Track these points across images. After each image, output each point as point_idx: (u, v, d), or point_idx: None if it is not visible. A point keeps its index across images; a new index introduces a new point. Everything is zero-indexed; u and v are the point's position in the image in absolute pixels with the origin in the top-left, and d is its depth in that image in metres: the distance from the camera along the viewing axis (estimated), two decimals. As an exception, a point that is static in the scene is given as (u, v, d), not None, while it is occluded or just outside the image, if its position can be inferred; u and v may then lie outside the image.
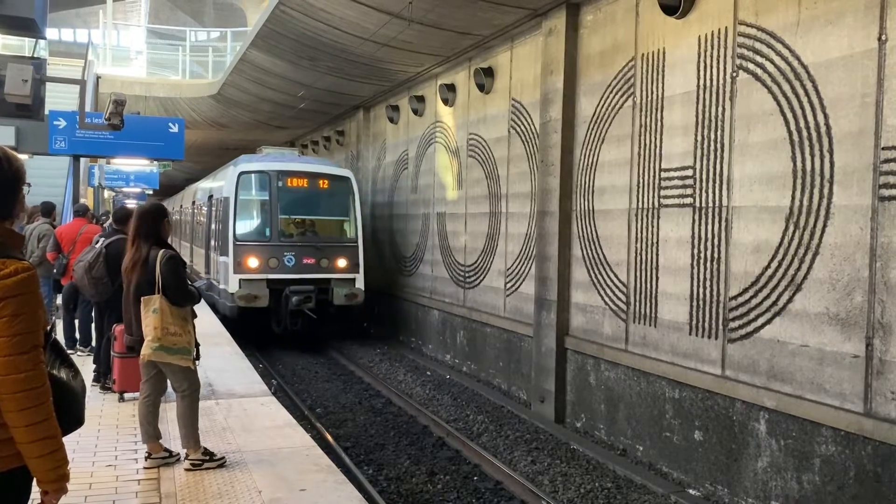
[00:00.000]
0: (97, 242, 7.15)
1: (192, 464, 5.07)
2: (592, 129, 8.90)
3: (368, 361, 13.37)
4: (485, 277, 11.70)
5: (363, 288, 14.03)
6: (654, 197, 7.83)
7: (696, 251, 7.21)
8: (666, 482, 7.28)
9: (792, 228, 6.16)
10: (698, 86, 7.21)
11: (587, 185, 8.97)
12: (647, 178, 7.94)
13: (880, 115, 5.44)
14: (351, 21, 10.84)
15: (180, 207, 24.35)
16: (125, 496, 4.67)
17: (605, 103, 8.68)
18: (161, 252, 5.08)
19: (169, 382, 5.23)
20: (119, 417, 6.44)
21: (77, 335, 8.83)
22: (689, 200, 7.32)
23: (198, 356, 5.19)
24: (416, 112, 14.32)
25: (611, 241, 8.51)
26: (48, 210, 10.05)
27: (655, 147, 7.82)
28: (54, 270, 8.97)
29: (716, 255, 6.96)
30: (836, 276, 5.78)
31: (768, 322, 6.37)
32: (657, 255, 7.76)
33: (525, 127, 10.49)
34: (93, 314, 8.19)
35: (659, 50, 7.77)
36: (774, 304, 6.31)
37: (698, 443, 7.10)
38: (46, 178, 16.42)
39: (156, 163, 21.34)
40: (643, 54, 8.03)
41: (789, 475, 6.09)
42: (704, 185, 7.11)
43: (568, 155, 9.24)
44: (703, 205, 7.12)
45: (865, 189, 5.54)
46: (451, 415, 9.78)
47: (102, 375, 7.29)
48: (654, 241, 7.80)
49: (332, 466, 5.32)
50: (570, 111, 9.24)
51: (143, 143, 13.48)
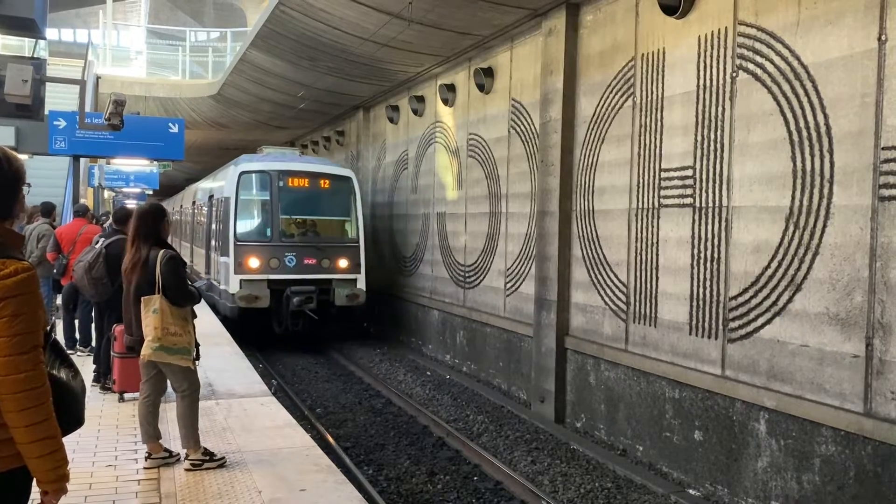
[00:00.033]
0: (97, 243, 7.16)
1: (192, 464, 5.07)
2: (592, 129, 8.90)
3: (368, 361, 13.37)
4: (485, 277, 11.70)
5: (365, 288, 13.96)
6: (654, 197, 7.83)
7: (696, 251, 7.22)
8: (666, 482, 7.28)
9: (792, 228, 6.16)
10: (698, 86, 7.22)
11: (587, 185, 8.97)
12: (647, 178, 7.95)
13: (880, 115, 5.44)
14: (351, 21, 10.85)
15: (180, 207, 24.32)
16: (125, 496, 4.67)
17: (604, 103, 8.68)
18: (161, 252, 5.08)
19: (169, 383, 5.23)
20: (119, 417, 6.44)
21: (77, 335, 8.83)
22: (689, 200, 7.32)
23: (198, 356, 5.19)
24: (415, 112, 14.32)
25: (611, 241, 8.51)
26: (48, 210, 10.05)
27: (655, 147, 7.82)
28: (54, 271, 8.97)
29: (716, 255, 6.96)
30: (836, 276, 5.78)
31: (768, 322, 6.37)
32: (657, 255, 7.76)
33: (525, 127, 10.49)
34: (93, 314, 8.20)
35: (659, 50, 7.77)
36: (774, 304, 6.31)
37: (698, 443, 7.10)
38: (46, 178, 16.43)
39: (156, 163, 21.34)
40: (643, 54, 8.03)
41: (789, 475, 6.09)
42: (704, 185, 7.12)
43: (568, 155, 9.24)
44: (703, 205, 7.12)
45: (865, 189, 5.54)
46: (451, 415, 9.78)
47: (102, 376, 7.29)
48: (654, 241, 7.81)
49: (332, 466, 5.32)
50: (570, 111, 9.24)
51: (142, 144, 13.48)
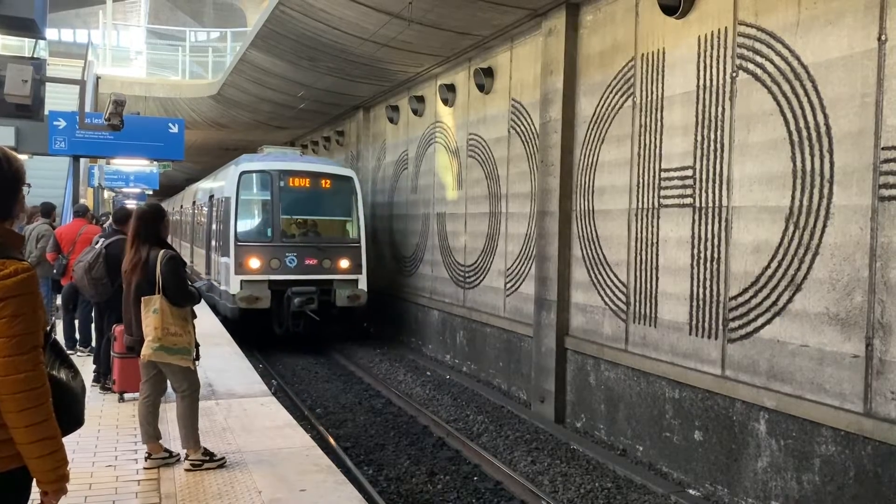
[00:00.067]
0: (97, 243, 7.16)
1: (192, 464, 5.07)
2: (592, 130, 8.90)
3: (368, 361, 13.37)
4: (485, 277, 11.70)
5: (366, 289, 13.88)
6: (653, 197, 7.83)
7: (695, 251, 7.22)
8: (666, 482, 7.28)
9: (792, 228, 6.16)
10: (698, 86, 7.22)
11: (587, 185, 8.97)
12: (646, 178, 7.95)
13: (880, 115, 5.44)
14: (351, 21, 10.85)
15: (180, 208, 24.30)
16: (125, 496, 4.67)
17: (604, 103, 8.68)
18: (161, 252, 5.08)
19: (169, 383, 5.23)
20: (119, 418, 6.44)
21: (77, 335, 8.84)
22: (688, 200, 7.32)
23: (198, 356, 5.19)
24: (415, 112, 14.32)
25: (611, 241, 8.51)
26: (48, 211, 10.05)
27: (655, 147, 7.82)
28: (53, 271, 8.97)
29: (716, 255, 6.96)
30: (835, 276, 5.78)
31: (768, 322, 6.37)
32: (657, 255, 7.76)
33: (525, 127, 10.49)
34: (92, 314, 8.20)
35: (659, 50, 7.77)
36: (774, 304, 6.31)
37: (698, 443, 7.10)
38: (46, 178, 16.42)
39: (155, 163, 21.33)
40: (643, 54, 8.03)
41: (789, 475, 6.09)
42: (704, 185, 7.12)
43: (568, 155, 9.24)
44: (703, 205, 7.12)
45: (865, 189, 5.54)
46: (451, 415, 9.78)
47: (102, 376, 7.29)
48: (654, 241, 7.81)
49: (332, 467, 5.32)
50: (570, 111, 9.24)
51: (142, 144, 13.47)
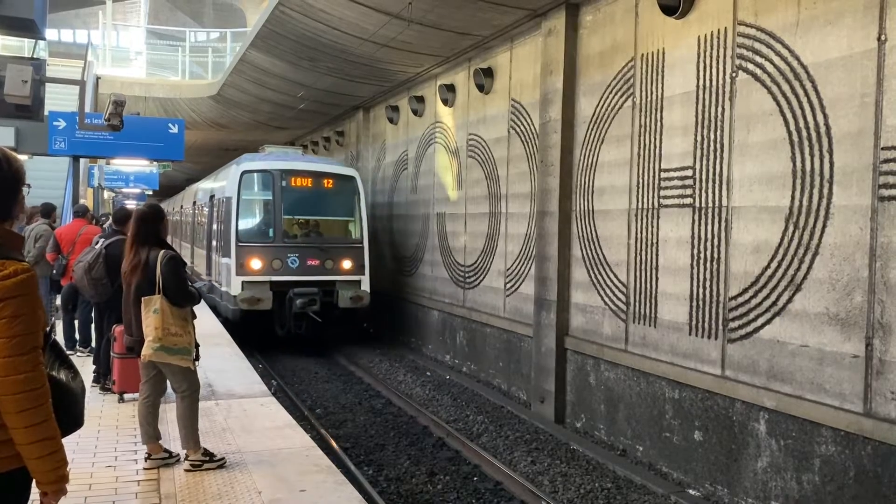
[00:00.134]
0: (97, 243, 7.16)
1: (191, 464, 5.07)
2: (592, 130, 8.90)
3: (368, 362, 13.36)
4: (484, 278, 11.70)
5: (369, 290, 13.71)
6: (653, 197, 7.83)
7: (695, 251, 7.22)
8: (666, 482, 7.28)
9: (792, 228, 6.16)
10: (698, 86, 7.22)
11: (587, 186, 8.97)
12: (646, 178, 7.95)
13: (880, 115, 5.44)
14: (350, 21, 10.85)
15: (180, 208, 24.26)
16: (125, 497, 4.67)
17: (604, 103, 8.68)
18: (161, 253, 5.09)
19: (169, 383, 5.23)
20: (119, 418, 6.44)
21: (77, 336, 8.84)
22: (688, 201, 7.32)
23: (197, 357, 5.19)
24: (415, 112, 14.32)
25: (610, 241, 8.51)
26: (48, 211, 10.05)
27: (655, 147, 7.82)
28: (53, 271, 8.98)
29: (715, 256, 6.96)
30: (835, 276, 5.78)
31: (768, 322, 6.37)
32: (657, 255, 7.76)
33: (525, 127, 10.49)
34: (92, 315, 8.20)
35: (658, 50, 7.78)
36: (774, 304, 6.31)
37: (698, 443, 7.10)
38: (46, 178, 16.42)
39: (155, 163, 21.33)
40: (643, 54, 8.03)
41: (789, 475, 6.09)
42: (704, 185, 7.12)
43: (567, 155, 9.24)
44: (703, 205, 7.12)
45: (865, 189, 5.54)
46: (450, 415, 9.78)
47: (102, 376, 7.29)
48: (654, 241, 7.81)
49: (332, 467, 5.32)
50: (570, 111, 9.24)
51: (142, 144, 13.48)
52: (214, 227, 14.98)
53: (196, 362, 5.15)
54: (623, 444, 8.18)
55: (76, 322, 8.84)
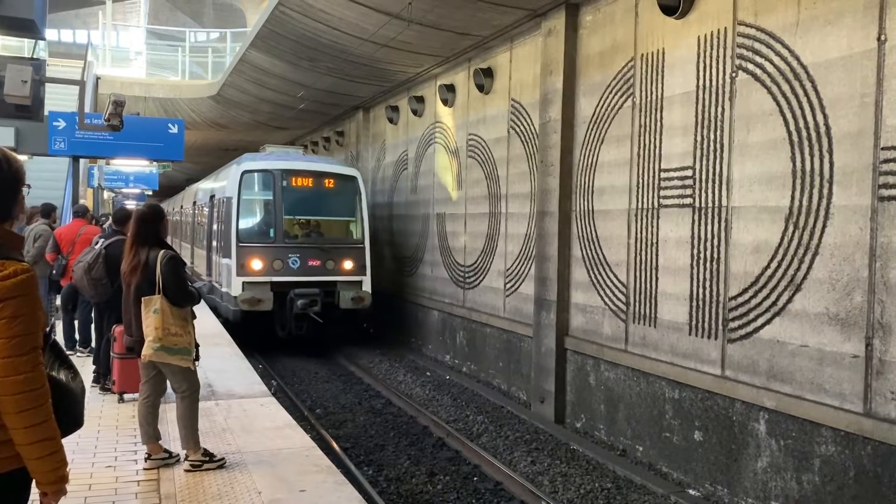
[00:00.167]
0: (96, 243, 7.16)
1: (191, 465, 5.07)
2: (592, 130, 8.90)
3: (368, 362, 13.36)
4: (484, 278, 11.70)
5: (370, 291, 13.65)
6: (653, 197, 7.83)
7: (695, 251, 7.22)
8: (666, 482, 7.28)
9: (791, 228, 6.16)
10: (698, 86, 7.22)
11: (587, 186, 8.97)
12: (646, 178, 7.95)
13: (880, 116, 5.44)
14: (350, 22, 10.85)
15: (180, 208, 24.24)
16: (125, 497, 4.67)
17: (604, 103, 8.68)
18: (161, 252, 5.09)
19: (168, 383, 5.23)
20: (119, 418, 6.44)
21: (77, 336, 8.84)
22: (688, 201, 7.32)
23: (197, 357, 5.19)
24: (415, 112, 14.32)
25: (610, 241, 8.51)
26: (48, 211, 10.05)
27: (655, 147, 7.82)
28: (53, 271, 8.97)
29: (715, 256, 6.96)
30: (835, 276, 5.78)
31: (768, 322, 6.37)
32: (657, 255, 7.76)
33: (524, 127, 10.49)
34: (92, 315, 8.20)
35: (658, 50, 7.78)
36: (774, 304, 6.31)
37: (698, 443, 7.10)
38: (46, 179, 16.42)
39: (155, 164, 21.33)
40: (642, 55, 8.03)
41: (789, 475, 6.09)
42: (704, 185, 7.12)
43: (567, 155, 9.25)
44: (703, 205, 7.12)
45: (865, 189, 5.54)
46: (450, 415, 9.78)
47: (102, 376, 7.29)
48: (654, 241, 7.81)
49: (332, 467, 5.32)
50: (570, 111, 9.24)
51: (142, 144, 13.47)
52: (215, 227, 14.94)
53: (196, 362, 5.15)
54: (623, 444, 8.18)
55: (76, 322, 8.84)
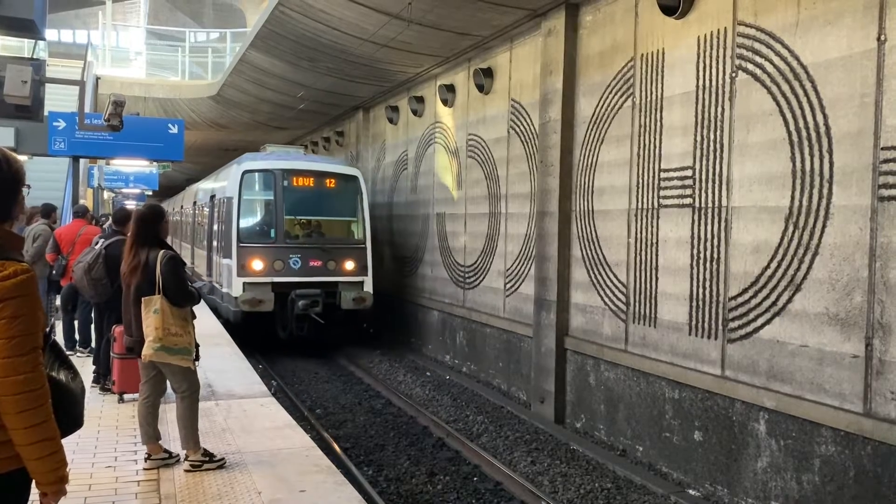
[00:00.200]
0: (96, 243, 7.16)
1: (191, 465, 5.08)
2: (592, 130, 8.90)
3: (368, 362, 13.36)
4: (484, 278, 11.70)
5: (372, 291, 13.60)
6: (653, 197, 7.83)
7: (695, 251, 7.22)
8: (666, 482, 7.28)
9: (791, 228, 6.16)
10: (697, 86, 7.22)
11: (587, 186, 8.97)
12: (646, 178, 7.95)
13: (879, 116, 5.44)
14: (350, 22, 10.85)
15: (181, 208, 24.22)
16: (125, 497, 4.67)
17: (604, 104, 8.68)
18: (161, 253, 5.09)
19: (168, 383, 5.23)
20: (118, 418, 6.44)
21: (77, 336, 8.84)
22: (688, 201, 7.32)
23: (197, 357, 5.20)
24: (415, 113, 14.32)
25: (610, 241, 8.51)
26: (48, 212, 10.05)
27: (655, 147, 7.82)
28: (52, 272, 8.98)
29: (715, 256, 6.96)
30: (835, 276, 5.78)
31: (768, 322, 6.37)
32: (657, 255, 7.76)
33: (524, 127, 10.49)
34: (92, 315, 8.20)
35: (658, 50, 7.78)
36: (774, 304, 6.31)
37: (698, 443, 7.10)
38: (46, 179, 16.42)
39: (155, 164, 21.34)
40: (642, 55, 8.03)
41: (789, 475, 6.09)
42: (704, 185, 7.12)
43: (567, 155, 9.25)
44: (703, 205, 7.12)
45: (865, 189, 5.54)
46: (450, 415, 9.78)
47: (102, 376, 7.30)
48: (654, 241, 7.81)
49: (332, 467, 5.32)
50: (570, 111, 9.24)
51: (142, 144, 13.47)
52: (215, 227, 14.88)
53: (196, 362, 5.15)
54: (623, 444, 8.19)
55: (76, 322, 8.84)
